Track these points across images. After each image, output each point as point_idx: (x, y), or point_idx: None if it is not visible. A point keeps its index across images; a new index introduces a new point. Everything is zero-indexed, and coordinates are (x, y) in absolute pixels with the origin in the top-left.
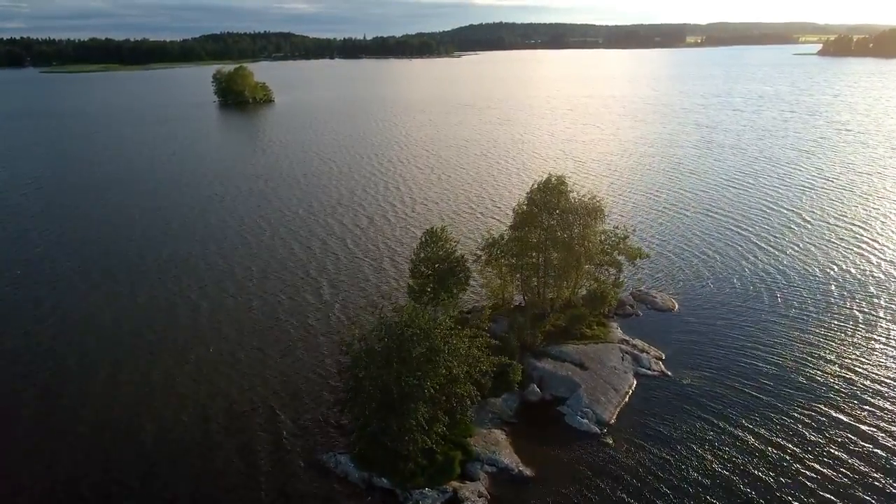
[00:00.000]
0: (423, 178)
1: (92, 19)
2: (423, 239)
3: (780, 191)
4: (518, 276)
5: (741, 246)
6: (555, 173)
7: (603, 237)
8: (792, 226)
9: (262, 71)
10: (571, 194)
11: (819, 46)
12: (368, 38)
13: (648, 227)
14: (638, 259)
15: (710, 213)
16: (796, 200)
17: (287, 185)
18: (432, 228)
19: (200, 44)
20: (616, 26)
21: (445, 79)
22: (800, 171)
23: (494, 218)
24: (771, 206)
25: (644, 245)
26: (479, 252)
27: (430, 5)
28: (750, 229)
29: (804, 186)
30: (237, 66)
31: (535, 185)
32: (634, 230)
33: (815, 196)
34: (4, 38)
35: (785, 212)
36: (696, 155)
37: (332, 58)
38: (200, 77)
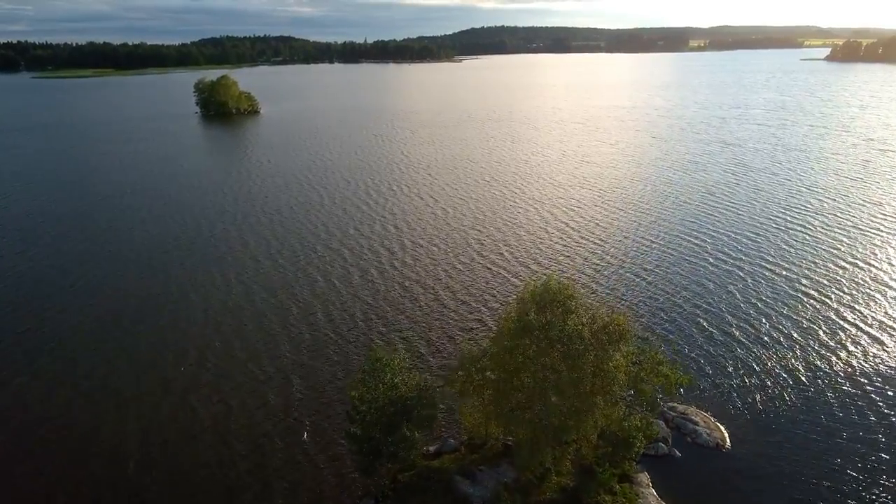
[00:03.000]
0: (421, 214)
1: (95, 22)
2: (365, 368)
3: (839, 236)
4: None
5: (819, 332)
6: (554, 268)
7: (628, 363)
8: (878, 296)
9: (256, 77)
10: (582, 300)
11: (826, 51)
12: (370, 41)
13: (682, 297)
14: (680, 387)
15: (764, 273)
16: (867, 252)
17: (258, 224)
18: (376, 354)
19: (198, 48)
20: (618, 30)
21: (446, 86)
22: (855, 206)
23: (501, 272)
24: (837, 259)
25: (679, 330)
26: (459, 373)
27: (434, 8)
28: (821, 303)
29: (868, 229)
30: (221, 74)
31: (528, 292)
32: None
33: (887, 247)
34: (1, 42)
35: (860, 270)
36: (728, 183)
37: (331, 62)
38: (191, 84)
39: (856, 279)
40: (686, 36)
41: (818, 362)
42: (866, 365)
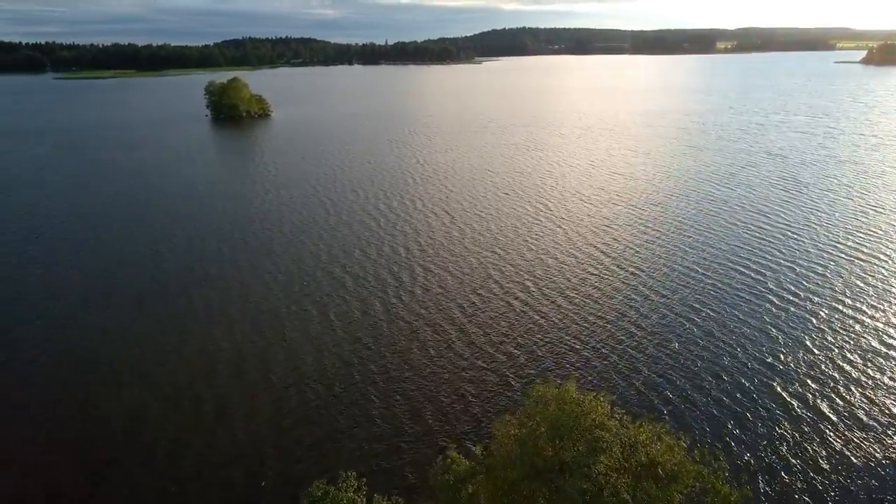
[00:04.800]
0: (434, 234)
1: (125, 24)
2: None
3: None
4: None
5: None
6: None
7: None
8: None
9: (273, 78)
10: (615, 418)
11: (861, 54)
12: (390, 43)
13: (747, 354)
14: None
15: (847, 321)
16: None
17: (256, 243)
18: (322, 488)
19: (220, 49)
20: (642, 31)
21: (464, 89)
22: None
23: (525, 309)
24: None
25: (750, 409)
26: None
27: (456, 10)
28: None
29: None
30: (231, 77)
31: (540, 413)
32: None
33: None
34: (29, 43)
35: None
36: (780, 201)
37: (350, 63)
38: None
39: None
40: (713, 37)
41: None
42: None
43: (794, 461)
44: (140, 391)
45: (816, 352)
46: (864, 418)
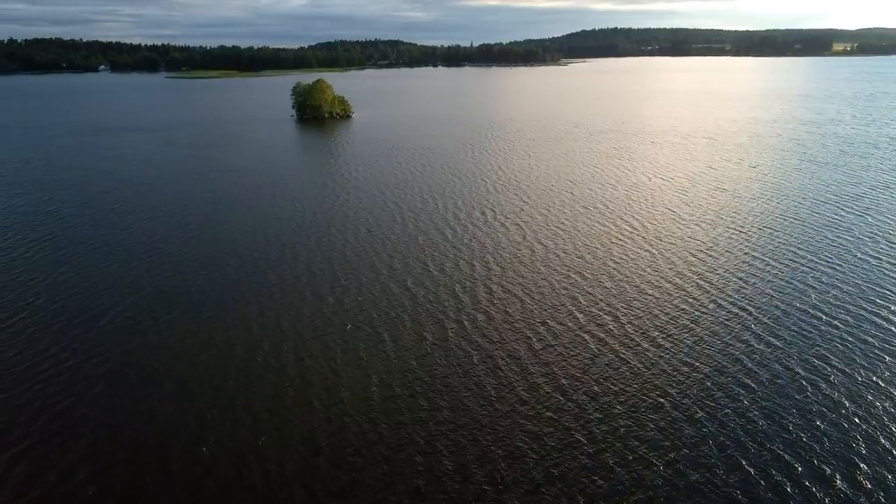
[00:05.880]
0: (510, 251)
1: (233, 28)
2: None
3: None
4: None
5: None
6: None
7: None
8: None
9: (359, 80)
10: None
11: None
12: (475, 45)
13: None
14: None
15: None
16: None
17: (325, 251)
18: None
19: (313, 52)
20: (747, 32)
21: (548, 91)
22: None
23: (613, 351)
24: None
25: None
26: None
27: (544, 11)
28: None
29: None
30: (329, 77)
31: None
32: None
33: None
34: (147, 45)
35: None
36: None
37: (434, 65)
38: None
39: None
40: (828, 39)
41: None
42: None
43: None
44: (175, 409)
45: None
46: None
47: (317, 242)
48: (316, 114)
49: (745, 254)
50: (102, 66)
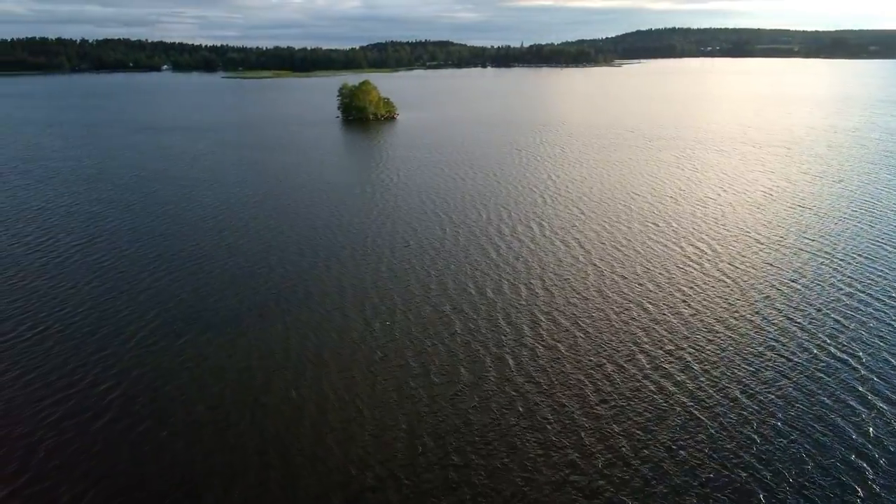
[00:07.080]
0: (563, 271)
1: (289, 29)
2: None
3: None
4: None
5: None
6: None
7: None
8: None
9: (407, 80)
10: None
11: None
12: (526, 45)
13: None
14: None
15: None
16: None
17: (364, 264)
18: None
19: (363, 52)
20: (816, 32)
21: (602, 93)
22: None
23: (682, 401)
24: None
25: None
26: None
27: (598, 11)
28: None
29: None
30: (378, 77)
31: None
32: None
33: None
34: (207, 45)
35: None
36: None
37: (483, 66)
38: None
39: None
40: None
41: None
42: None
43: None
44: (184, 445)
45: None
46: None
47: (351, 255)
48: (360, 115)
49: (842, 284)
50: (165, 66)
